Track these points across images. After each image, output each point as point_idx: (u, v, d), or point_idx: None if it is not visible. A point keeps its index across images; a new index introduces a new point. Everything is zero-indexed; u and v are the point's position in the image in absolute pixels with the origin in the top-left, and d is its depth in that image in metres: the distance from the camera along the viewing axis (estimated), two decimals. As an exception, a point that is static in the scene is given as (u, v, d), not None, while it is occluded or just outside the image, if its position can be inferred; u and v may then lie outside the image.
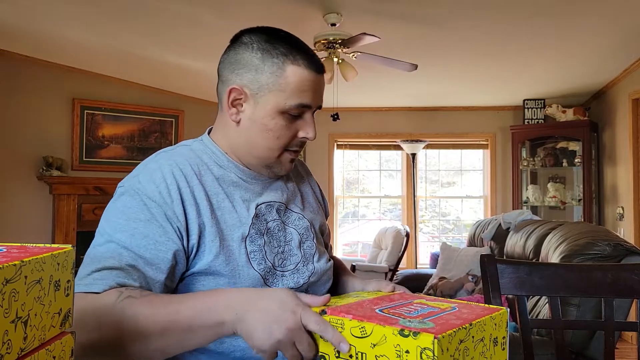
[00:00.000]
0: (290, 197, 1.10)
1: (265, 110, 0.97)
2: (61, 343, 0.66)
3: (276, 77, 0.96)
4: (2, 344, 0.52)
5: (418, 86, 4.91)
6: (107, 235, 0.91)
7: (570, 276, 1.25)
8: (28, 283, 0.57)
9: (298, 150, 1.03)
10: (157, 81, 4.90)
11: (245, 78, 0.97)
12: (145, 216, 0.92)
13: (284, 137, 0.98)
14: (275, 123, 0.97)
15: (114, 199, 0.97)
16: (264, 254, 0.99)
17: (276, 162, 1.02)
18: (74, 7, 3.24)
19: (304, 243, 1.07)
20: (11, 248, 0.65)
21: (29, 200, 4.33)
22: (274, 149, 0.99)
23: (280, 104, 0.96)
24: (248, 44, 0.99)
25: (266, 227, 1.02)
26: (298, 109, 0.97)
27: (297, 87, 0.96)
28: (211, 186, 0.99)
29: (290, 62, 0.96)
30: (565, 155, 5.16)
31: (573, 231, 2.59)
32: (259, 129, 0.98)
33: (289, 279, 1.02)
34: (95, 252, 0.90)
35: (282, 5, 3.12)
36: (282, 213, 1.06)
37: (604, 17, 3.25)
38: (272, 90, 0.96)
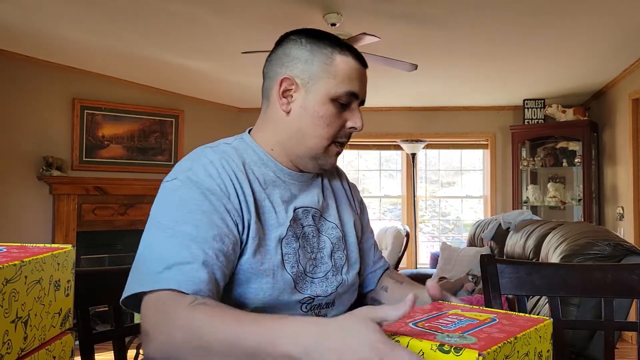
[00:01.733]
0: (325, 204, 1.10)
1: (317, 98, 0.99)
2: (61, 343, 0.67)
3: (326, 65, 0.99)
4: (2, 344, 0.52)
5: (418, 86, 4.91)
6: (169, 230, 0.89)
7: (570, 276, 1.25)
8: (28, 283, 0.57)
9: (344, 143, 1.04)
10: (157, 81, 4.89)
11: (295, 69, 1.00)
12: (208, 208, 0.91)
13: (334, 125, 1.00)
14: (327, 109, 0.99)
15: (168, 192, 0.95)
16: (297, 258, 0.99)
17: (324, 154, 1.02)
18: (74, 7, 3.24)
19: (335, 253, 1.07)
20: (11, 248, 0.65)
21: (29, 200, 4.33)
22: (324, 138, 1.00)
23: (331, 91, 0.98)
24: (296, 40, 1.02)
25: (302, 231, 1.02)
26: (347, 96, 0.99)
27: (347, 75, 0.99)
28: (254, 184, 0.99)
29: (338, 52, 1.00)
30: (565, 155, 5.16)
31: (573, 231, 2.59)
32: (311, 116, 0.99)
33: (317, 286, 1.02)
34: (161, 248, 0.88)
35: (282, 5, 3.12)
36: (317, 220, 1.07)
37: (604, 17, 3.25)
38: (322, 77, 0.99)
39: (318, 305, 1.02)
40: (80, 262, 4.40)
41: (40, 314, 0.61)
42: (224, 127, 5.52)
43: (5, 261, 0.55)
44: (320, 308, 1.02)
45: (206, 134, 5.39)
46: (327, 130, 0.99)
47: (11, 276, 0.55)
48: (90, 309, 1.13)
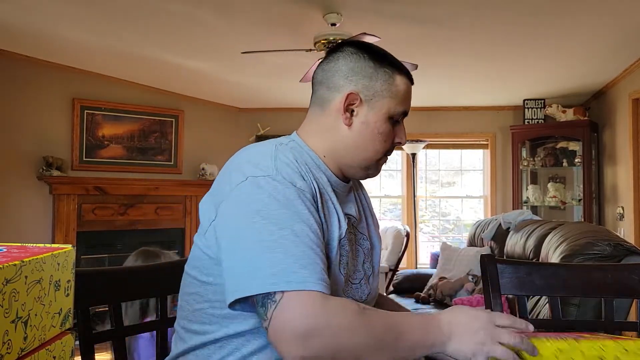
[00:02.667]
0: (359, 215, 1.14)
1: (379, 115, 1.04)
2: (61, 343, 0.67)
3: (388, 84, 1.04)
4: (3, 344, 0.52)
5: (418, 86, 4.87)
6: (287, 227, 0.88)
7: (570, 276, 1.25)
8: (28, 283, 0.57)
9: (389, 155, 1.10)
10: (157, 81, 4.89)
11: (360, 84, 1.04)
12: (308, 206, 0.93)
13: (389, 140, 1.06)
14: (386, 127, 1.04)
15: (266, 188, 0.92)
16: (347, 261, 1.02)
17: (374, 165, 1.08)
18: (74, 7, 3.24)
19: (365, 263, 1.11)
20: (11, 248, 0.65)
21: (29, 200, 4.33)
22: (379, 152, 1.06)
23: (391, 110, 1.04)
24: (358, 54, 1.05)
25: (349, 237, 1.06)
26: (401, 115, 1.07)
27: (404, 95, 1.06)
28: (319, 184, 1.02)
29: (397, 72, 1.06)
30: (565, 155, 5.15)
31: (573, 231, 2.59)
32: (372, 132, 1.04)
33: (355, 291, 1.05)
34: (287, 246, 0.86)
35: (282, 5, 3.12)
36: (353, 229, 1.10)
37: (604, 17, 3.25)
38: (385, 96, 1.04)
39: None
40: (80, 262, 4.40)
41: (41, 314, 0.61)
42: (224, 127, 5.52)
43: (5, 261, 0.55)
44: None
45: (206, 134, 5.40)
46: (384, 146, 1.05)
47: (11, 276, 0.55)
48: (90, 309, 1.13)
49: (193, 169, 5.24)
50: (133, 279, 1.23)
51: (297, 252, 0.86)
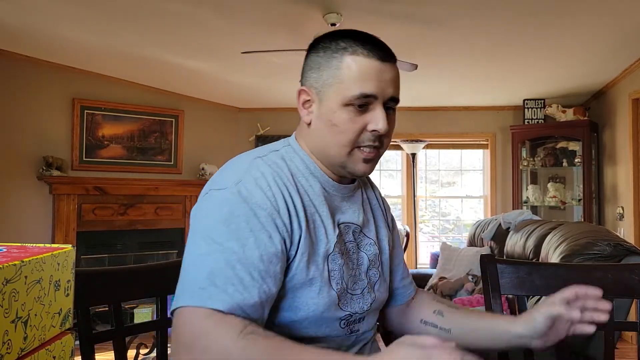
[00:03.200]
0: (365, 219, 1.09)
1: (329, 105, 0.96)
2: (61, 343, 0.67)
3: (335, 70, 0.96)
4: (2, 344, 0.52)
5: (418, 86, 4.91)
6: (215, 244, 0.86)
7: (570, 276, 1.25)
8: (28, 283, 0.57)
9: (372, 147, 0.98)
10: (157, 81, 4.89)
11: (310, 78, 0.99)
12: (256, 226, 0.88)
13: (350, 131, 0.95)
14: (339, 116, 0.95)
15: (217, 203, 0.91)
16: (342, 274, 0.98)
17: (348, 161, 0.98)
18: (74, 7, 3.24)
19: (370, 270, 1.06)
20: (11, 248, 0.65)
21: (29, 200, 4.33)
22: (342, 145, 0.97)
23: (341, 96, 0.95)
24: (315, 46, 1.00)
25: (345, 247, 1.01)
26: (360, 99, 0.94)
27: (357, 77, 0.94)
28: (304, 198, 0.97)
29: (349, 53, 0.95)
30: (565, 155, 5.16)
31: (573, 231, 2.59)
32: (325, 125, 0.97)
33: (356, 303, 1.01)
34: (205, 262, 0.85)
35: (282, 5, 3.12)
36: (357, 235, 1.05)
37: (604, 17, 3.25)
38: (332, 84, 0.96)
39: (353, 321, 1.02)
40: (80, 262, 4.40)
41: (40, 314, 0.61)
42: (224, 127, 5.52)
43: (5, 261, 0.55)
44: (354, 323, 1.02)
45: (206, 134, 5.40)
46: (343, 138, 0.96)
47: (11, 276, 0.55)
48: (90, 309, 1.13)
49: (193, 169, 5.24)
50: (133, 279, 1.23)
51: (213, 268, 0.84)
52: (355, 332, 1.02)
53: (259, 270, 0.86)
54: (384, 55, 0.96)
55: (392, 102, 0.99)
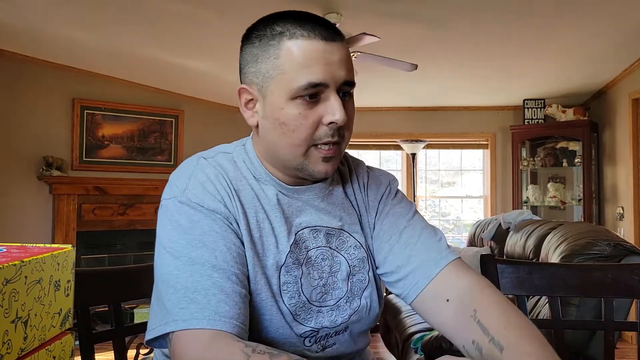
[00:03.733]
0: (348, 219, 0.95)
1: (274, 102, 0.83)
2: (61, 343, 0.67)
3: (274, 59, 0.82)
4: (2, 344, 0.52)
5: (418, 86, 4.91)
6: (184, 256, 0.78)
7: (570, 276, 1.25)
8: (28, 283, 0.57)
9: (330, 142, 0.84)
10: (157, 81, 4.89)
11: (249, 74, 0.86)
12: (217, 228, 0.81)
13: (302, 127, 0.82)
14: (287, 113, 0.82)
15: (170, 212, 0.84)
16: (299, 287, 0.87)
17: (305, 162, 0.85)
18: (74, 7, 3.24)
19: (354, 275, 0.92)
20: (11, 248, 0.65)
21: (29, 200, 4.33)
22: (295, 145, 0.83)
23: (285, 89, 0.81)
24: (249, 36, 0.87)
25: (306, 256, 0.89)
26: (309, 89, 0.80)
27: (301, 64, 0.80)
28: (250, 204, 0.87)
29: (287, 38, 0.81)
30: (565, 155, 5.16)
31: (573, 231, 2.59)
32: (273, 124, 0.84)
33: (325, 315, 0.89)
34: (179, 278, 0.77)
35: (282, 5, 3.11)
36: (334, 238, 0.92)
37: (604, 17, 3.25)
38: (273, 76, 0.82)
39: (325, 336, 0.89)
40: (80, 262, 4.40)
41: (40, 314, 0.61)
42: (224, 127, 5.52)
43: (5, 261, 0.55)
44: (327, 338, 0.90)
45: (206, 134, 5.40)
46: (296, 136, 0.82)
47: (11, 276, 0.55)
48: (90, 309, 1.13)
49: (193, 169, 5.24)
50: (133, 279, 1.23)
51: (188, 283, 0.76)
52: (331, 347, 0.90)
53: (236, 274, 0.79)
54: (328, 33, 0.82)
55: (347, 87, 0.84)
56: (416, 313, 3.19)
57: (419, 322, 2.87)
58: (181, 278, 0.77)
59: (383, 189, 1.01)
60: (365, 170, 1.03)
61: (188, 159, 0.94)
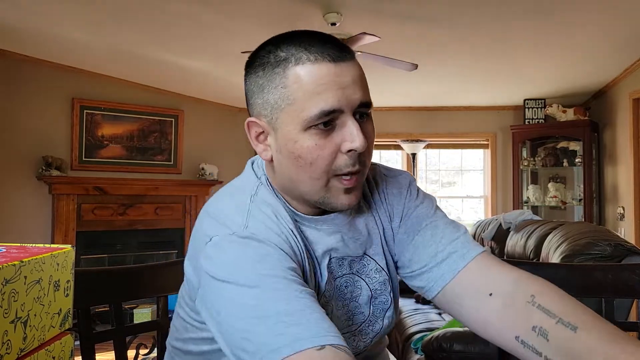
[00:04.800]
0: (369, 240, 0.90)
1: (287, 134, 0.77)
2: (61, 343, 0.66)
3: (282, 89, 0.76)
4: (2, 344, 0.52)
5: (418, 86, 4.91)
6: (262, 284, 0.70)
7: (570, 276, 1.25)
8: (28, 283, 0.57)
9: (353, 173, 0.78)
10: (157, 81, 4.89)
11: (257, 105, 0.80)
12: (289, 262, 0.74)
13: (320, 159, 0.76)
14: (301, 146, 0.76)
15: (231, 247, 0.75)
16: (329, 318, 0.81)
17: (327, 196, 0.80)
18: (74, 7, 3.24)
19: (376, 299, 0.90)
20: (11, 248, 0.65)
21: (28, 200, 4.33)
22: (314, 179, 0.78)
23: (297, 120, 0.75)
24: (252, 64, 0.82)
25: (334, 286, 0.85)
26: (322, 117, 0.75)
27: (310, 91, 0.75)
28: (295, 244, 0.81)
29: (293, 64, 0.76)
30: (565, 155, 5.15)
31: (574, 231, 2.59)
32: (288, 158, 0.78)
33: (348, 342, 0.83)
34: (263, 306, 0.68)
35: (282, 5, 3.12)
36: (356, 263, 0.89)
37: (605, 16, 3.25)
38: (282, 107, 0.77)
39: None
40: (79, 262, 4.40)
41: (40, 314, 0.61)
42: (224, 127, 5.51)
43: (5, 261, 0.55)
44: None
45: (206, 134, 5.40)
46: (314, 169, 0.77)
47: (11, 276, 0.55)
48: (90, 308, 1.13)
49: (193, 169, 5.24)
50: (133, 279, 1.23)
51: (279, 308, 0.67)
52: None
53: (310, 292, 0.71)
54: (337, 53, 0.76)
55: (363, 108, 0.78)
56: (417, 313, 3.18)
57: (420, 323, 2.87)
58: (266, 306, 0.68)
59: (405, 192, 0.96)
60: (382, 175, 0.98)
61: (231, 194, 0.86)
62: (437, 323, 2.81)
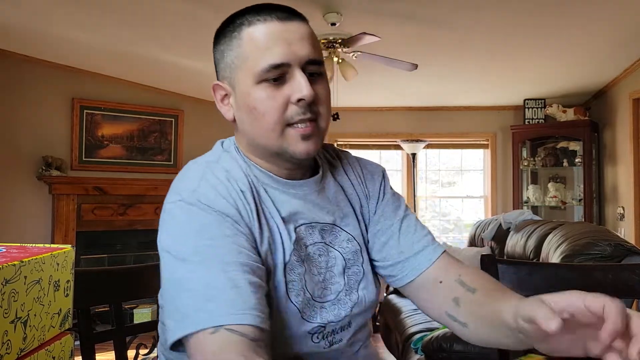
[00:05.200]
0: (340, 213, 0.95)
1: (243, 90, 0.85)
2: (61, 343, 0.66)
3: (237, 49, 0.85)
4: (2, 344, 0.52)
5: (418, 86, 4.91)
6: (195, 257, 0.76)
7: (570, 276, 1.25)
8: (27, 283, 0.57)
9: (305, 120, 0.84)
10: (157, 81, 4.89)
11: (221, 71, 0.90)
12: (232, 231, 0.79)
13: (272, 109, 0.83)
14: (255, 98, 0.83)
15: (177, 216, 0.81)
16: (303, 284, 0.86)
17: (284, 144, 0.85)
18: (74, 7, 3.24)
19: (349, 269, 0.93)
20: (11, 248, 0.65)
21: (28, 200, 4.33)
22: (269, 129, 0.84)
23: (250, 75, 0.83)
24: (216, 38, 0.92)
25: (306, 252, 0.89)
26: (271, 71, 0.82)
27: (260, 47, 0.82)
28: (258, 204, 0.86)
29: (246, 26, 0.85)
30: (565, 155, 5.16)
31: (574, 231, 2.59)
32: (246, 112, 0.86)
33: (328, 311, 0.88)
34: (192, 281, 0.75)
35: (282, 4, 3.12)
36: (327, 233, 0.92)
37: (605, 16, 3.25)
38: (239, 65, 0.85)
39: (332, 332, 0.89)
40: (79, 262, 4.40)
41: (40, 314, 0.61)
42: (224, 127, 5.51)
43: (5, 261, 0.55)
44: (334, 334, 0.90)
45: (206, 134, 5.39)
46: (267, 119, 0.83)
47: (11, 276, 0.55)
48: (90, 308, 1.13)
49: (193, 169, 5.24)
50: (133, 279, 1.23)
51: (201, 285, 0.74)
52: (338, 343, 0.90)
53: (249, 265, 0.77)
54: (284, 14, 0.85)
55: (312, 66, 0.84)
56: (417, 313, 3.18)
57: (420, 323, 2.87)
58: (194, 281, 0.75)
59: (380, 178, 1.04)
60: (355, 160, 1.06)
61: (191, 164, 0.92)
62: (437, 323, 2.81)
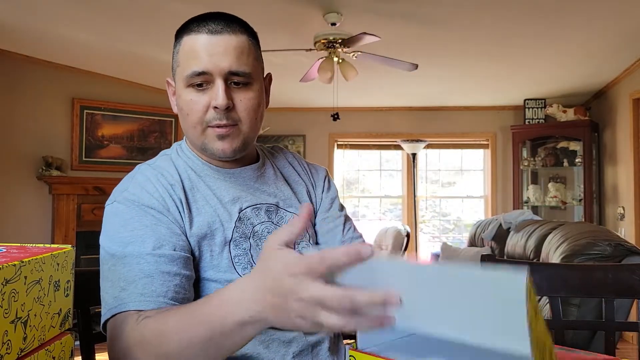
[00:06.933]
0: (282, 195, 1.05)
1: (177, 91, 0.99)
2: (61, 343, 0.66)
3: (176, 54, 0.99)
4: (2, 344, 0.52)
5: (418, 86, 4.91)
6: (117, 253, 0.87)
7: (571, 276, 1.25)
8: (28, 283, 0.57)
9: (221, 125, 0.93)
10: (157, 81, 4.89)
11: (172, 68, 1.03)
12: (150, 221, 0.89)
13: (194, 112, 0.94)
14: (183, 100, 0.95)
15: (109, 216, 0.93)
16: (249, 258, 0.95)
17: (205, 141, 0.96)
18: (74, 7, 3.24)
19: (298, 244, 1.01)
20: (11, 248, 0.65)
21: (28, 200, 4.33)
22: (191, 127, 0.95)
23: (181, 78, 0.95)
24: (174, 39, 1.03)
25: (252, 230, 0.97)
26: (194, 77, 0.92)
27: (189, 56, 0.94)
28: (192, 193, 0.97)
29: (186, 34, 0.96)
30: (566, 155, 5.15)
31: (574, 231, 2.59)
32: (179, 111, 0.99)
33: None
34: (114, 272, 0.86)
35: (282, 5, 3.12)
36: (273, 214, 1.01)
37: (605, 16, 3.25)
38: (175, 68, 0.99)
39: None
40: (79, 262, 4.40)
41: (40, 315, 0.61)
42: (224, 127, 5.53)
43: (5, 261, 0.55)
44: None
45: (206, 134, 5.40)
46: (190, 119, 0.95)
47: (11, 276, 0.55)
48: (90, 309, 1.13)
49: (193, 169, 5.24)
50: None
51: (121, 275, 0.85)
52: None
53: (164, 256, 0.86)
54: (215, 27, 0.94)
55: (234, 76, 0.93)
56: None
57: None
58: (115, 272, 0.86)
59: (323, 174, 1.15)
60: (302, 158, 1.18)
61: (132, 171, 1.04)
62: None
